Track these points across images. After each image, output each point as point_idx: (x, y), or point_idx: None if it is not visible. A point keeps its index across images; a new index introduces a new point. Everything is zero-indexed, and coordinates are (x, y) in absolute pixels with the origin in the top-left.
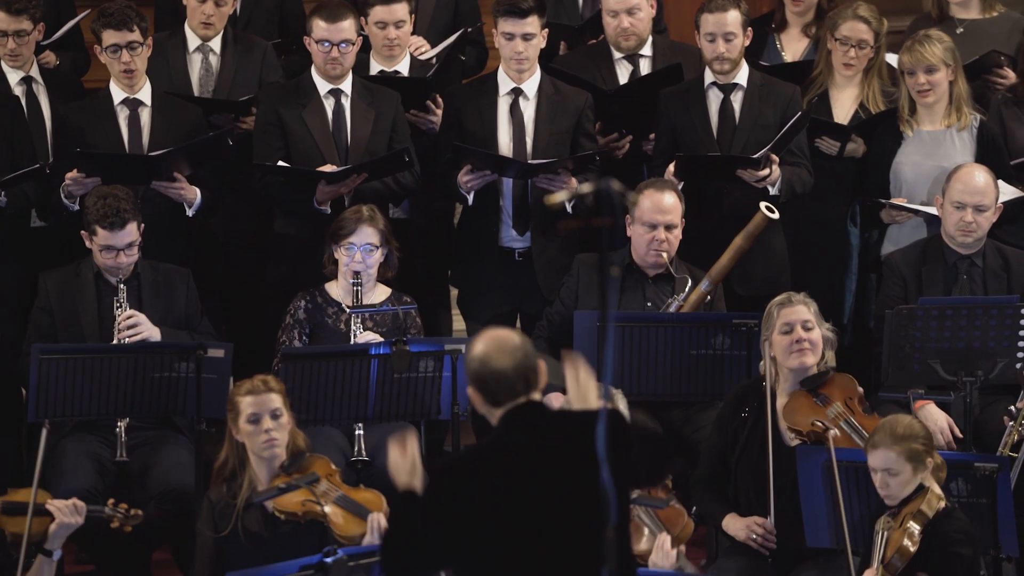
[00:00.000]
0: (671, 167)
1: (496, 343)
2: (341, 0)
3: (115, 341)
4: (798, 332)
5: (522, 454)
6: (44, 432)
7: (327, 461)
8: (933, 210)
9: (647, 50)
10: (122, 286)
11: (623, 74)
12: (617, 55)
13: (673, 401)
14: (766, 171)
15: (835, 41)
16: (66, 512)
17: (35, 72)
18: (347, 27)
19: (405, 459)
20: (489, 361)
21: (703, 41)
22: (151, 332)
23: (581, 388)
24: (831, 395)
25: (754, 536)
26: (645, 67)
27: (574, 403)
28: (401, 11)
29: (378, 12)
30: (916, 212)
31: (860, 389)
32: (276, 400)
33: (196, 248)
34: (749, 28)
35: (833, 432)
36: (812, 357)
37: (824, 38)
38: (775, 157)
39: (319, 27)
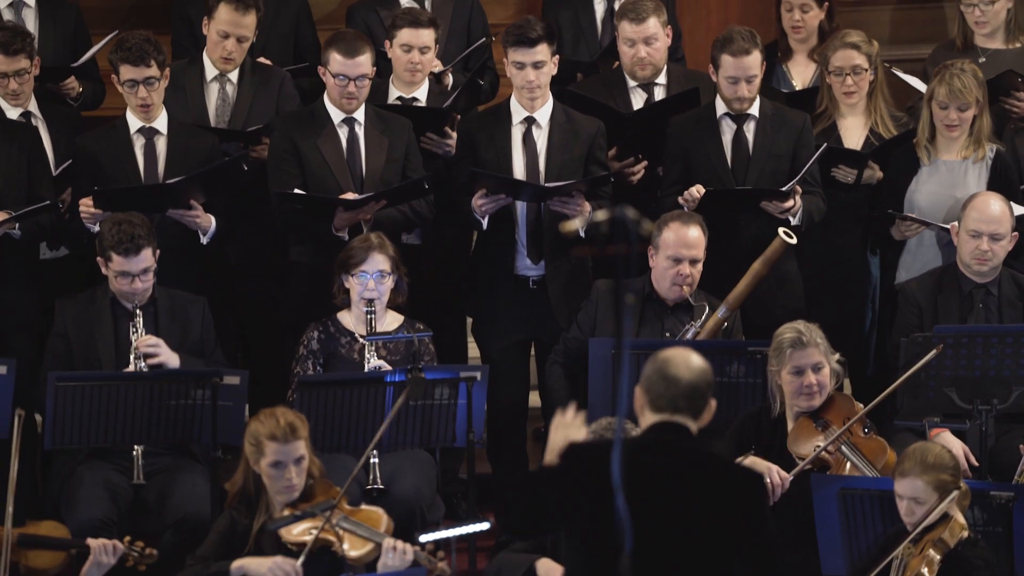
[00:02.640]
0: (685, 194)
1: (684, 354)
2: (358, 32)
3: (131, 366)
4: (808, 377)
5: (650, 465)
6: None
7: (330, 484)
8: (944, 224)
9: (662, 78)
10: (138, 311)
11: (637, 102)
12: (632, 83)
13: None
14: (791, 202)
15: (830, 74)
16: (104, 552)
17: (33, 107)
18: (364, 61)
19: (565, 418)
20: (668, 365)
21: (723, 81)
22: (170, 357)
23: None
24: (831, 419)
25: (766, 480)
26: (660, 95)
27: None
28: (427, 37)
29: (405, 35)
30: (927, 225)
31: (860, 405)
32: (302, 447)
33: (211, 276)
34: (764, 63)
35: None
36: (820, 399)
37: (822, 73)
38: (799, 188)
39: (336, 61)
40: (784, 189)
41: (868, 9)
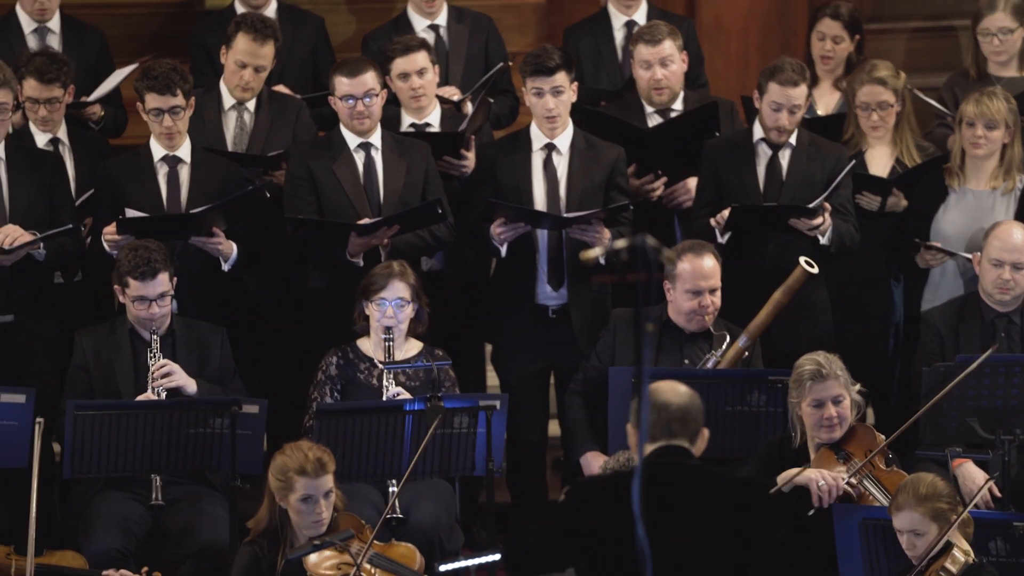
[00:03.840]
0: (717, 217)
1: (670, 384)
2: (360, 56)
3: (148, 390)
4: (829, 409)
5: (658, 489)
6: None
7: (355, 517)
8: (969, 255)
9: (678, 104)
10: (155, 336)
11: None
12: (649, 109)
13: (709, 458)
14: (819, 219)
15: (857, 108)
16: None
17: (63, 134)
18: (369, 79)
19: None
20: (657, 394)
21: (766, 108)
22: (186, 382)
23: None
24: (852, 451)
25: (821, 483)
26: None
27: None
28: (422, 59)
29: (399, 64)
30: (952, 255)
31: (882, 437)
32: (330, 481)
33: (231, 303)
34: (809, 97)
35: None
36: (840, 431)
37: (849, 102)
38: (828, 206)
39: (341, 83)
40: (812, 206)
41: (884, 37)
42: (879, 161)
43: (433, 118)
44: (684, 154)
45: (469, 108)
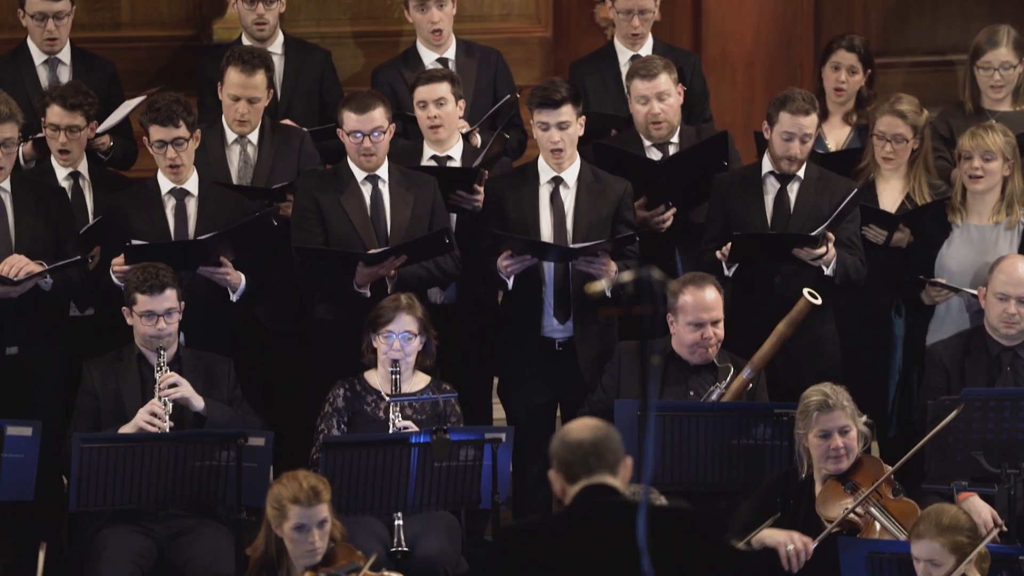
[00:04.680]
0: (724, 250)
1: (579, 422)
2: (371, 91)
3: (155, 398)
4: (835, 440)
5: (589, 532)
6: None
7: (352, 548)
8: (974, 291)
9: (675, 138)
10: (162, 351)
11: None
12: (647, 143)
13: (714, 491)
14: (823, 249)
15: (874, 135)
16: None
17: (83, 168)
18: (377, 116)
19: None
20: (567, 433)
21: (776, 138)
22: (192, 395)
23: None
24: (859, 482)
25: (790, 547)
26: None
27: None
28: (442, 89)
29: (420, 92)
30: (957, 291)
31: (888, 468)
32: (325, 511)
33: (239, 335)
34: (819, 127)
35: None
36: (847, 462)
37: (869, 129)
38: (831, 235)
39: (350, 119)
40: (814, 234)
41: (882, 72)
42: (889, 195)
43: (455, 152)
44: (693, 185)
45: (477, 140)
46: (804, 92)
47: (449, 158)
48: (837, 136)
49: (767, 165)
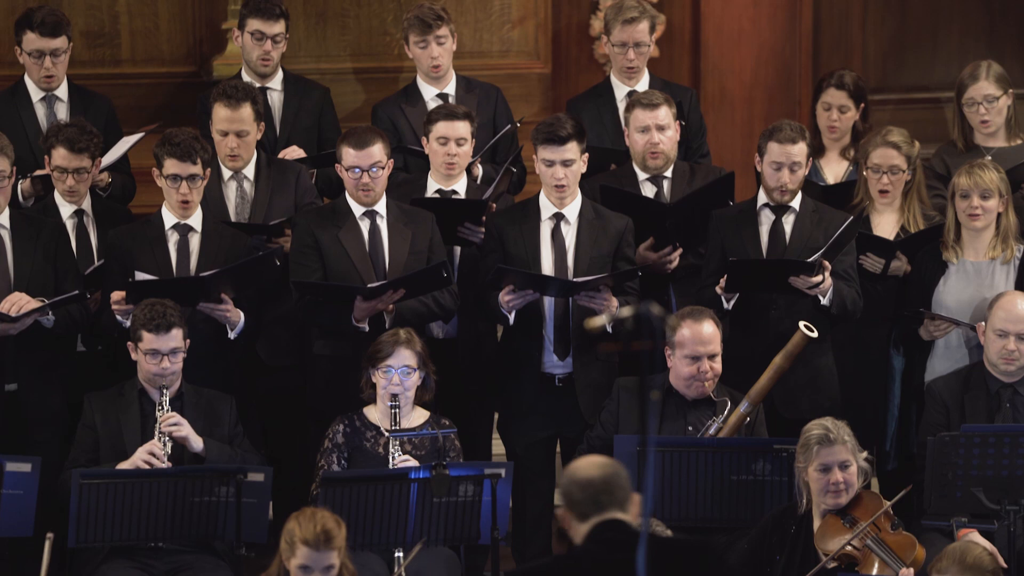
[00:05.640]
0: (722, 282)
1: (587, 460)
2: (370, 126)
3: (155, 437)
4: (835, 474)
5: (606, 567)
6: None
7: None
8: (971, 313)
9: (668, 172)
10: (164, 390)
11: (648, 195)
12: (642, 176)
13: (714, 527)
14: (819, 277)
15: (868, 169)
16: None
17: (87, 205)
18: (376, 151)
19: None
20: (576, 472)
21: (767, 168)
22: (192, 435)
23: None
24: (858, 516)
25: None
26: (667, 188)
27: None
28: (463, 129)
29: (440, 128)
30: (957, 324)
31: (887, 503)
32: (333, 557)
33: (239, 370)
34: (810, 158)
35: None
36: (846, 497)
37: (860, 165)
38: (827, 264)
39: (348, 154)
40: (810, 260)
41: (880, 108)
42: (884, 228)
43: (460, 186)
44: (700, 225)
45: (479, 171)
46: (793, 123)
47: (454, 192)
48: (835, 171)
49: (762, 198)
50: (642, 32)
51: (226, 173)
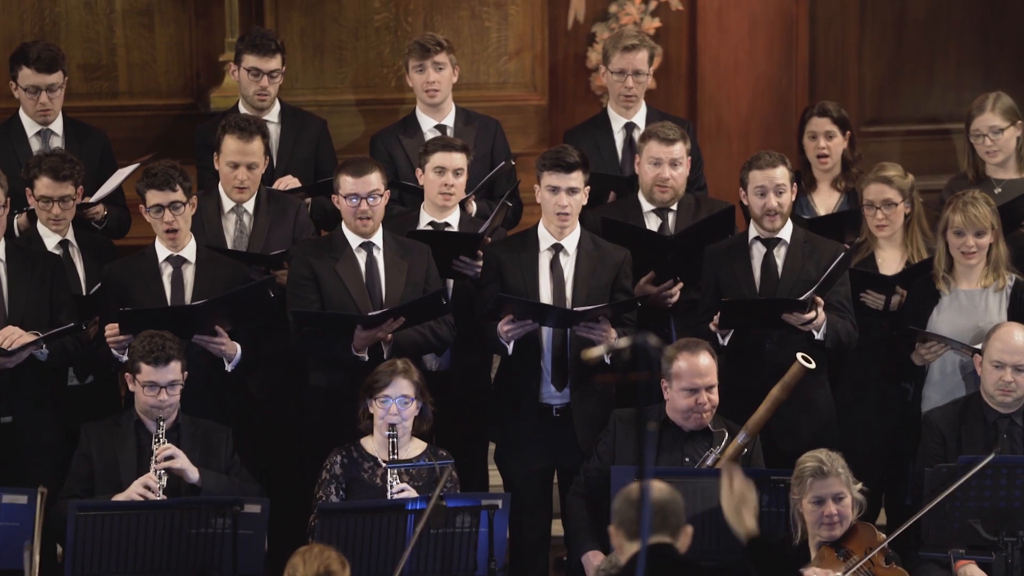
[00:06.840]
0: (716, 319)
1: (648, 482)
2: (367, 156)
3: (151, 470)
4: (829, 507)
5: None
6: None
7: None
8: (966, 344)
9: (674, 205)
10: (161, 422)
11: (652, 226)
12: (647, 207)
13: (711, 560)
14: (812, 314)
15: (865, 206)
16: None
17: (71, 235)
18: (374, 179)
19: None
20: (632, 493)
21: (752, 197)
22: (188, 467)
23: (736, 498)
24: (852, 549)
25: None
26: (672, 220)
27: (727, 513)
28: (460, 160)
29: (437, 158)
30: (947, 342)
31: (882, 536)
32: None
33: (234, 403)
34: (794, 184)
35: None
36: (840, 529)
37: (859, 203)
38: (820, 300)
39: (346, 183)
40: (802, 298)
41: (876, 140)
42: (890, 264)
43: (452, 219)
44: (700, 258)
45: (473, 208)
46: (772, 151)
47: (447, 224)
48: (827, 203)
49: (752, 232)
50: (641, 60)
51: (227, 205)
